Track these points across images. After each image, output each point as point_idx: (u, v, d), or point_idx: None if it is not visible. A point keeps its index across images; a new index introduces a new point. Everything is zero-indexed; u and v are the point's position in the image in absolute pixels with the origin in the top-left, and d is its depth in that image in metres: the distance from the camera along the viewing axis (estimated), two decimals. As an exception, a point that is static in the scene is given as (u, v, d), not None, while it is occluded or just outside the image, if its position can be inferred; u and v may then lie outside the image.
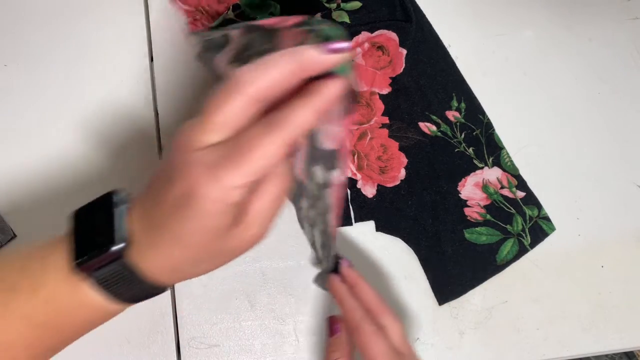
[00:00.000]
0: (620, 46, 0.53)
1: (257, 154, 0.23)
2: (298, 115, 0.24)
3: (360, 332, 0.34)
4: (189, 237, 0.24)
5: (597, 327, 0.48)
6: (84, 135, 0.46)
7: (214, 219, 0.24)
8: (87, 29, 0.48)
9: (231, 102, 0.24)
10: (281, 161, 0.24)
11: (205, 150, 0.24)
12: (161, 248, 0.25)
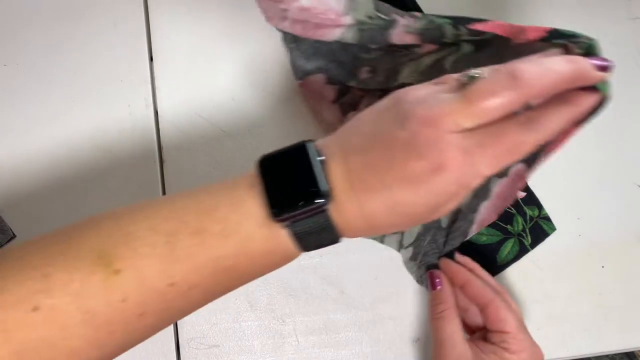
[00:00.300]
0: (620, 46, 0.53)
1: (511, 150, 0.25)
2: (554, 121, 0.25)
3: (495, 305, 0.38)
4: (409, 208, 0.26)
5: (597, 327, 0.48)
6: (83, 135, 0.46)
7: (451, 199, 0.26)
8: (87, 28, 0.48)
9: (503, 96, 0.24)
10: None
11: (461, 135, 0.25)
12: (366, 209, 0.26)
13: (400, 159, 0.25)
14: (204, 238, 0.26)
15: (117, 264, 0.26)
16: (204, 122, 0.47)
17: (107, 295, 0.25)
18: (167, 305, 0.27)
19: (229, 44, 0.49)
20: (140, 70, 0.47)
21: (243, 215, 0.27)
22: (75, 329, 0.25)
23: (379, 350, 0.46)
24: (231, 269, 0.27)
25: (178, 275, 0.26)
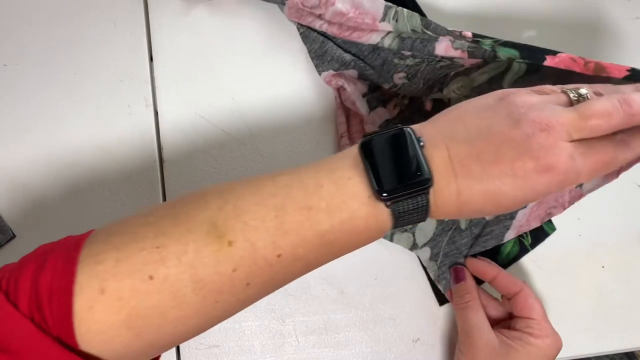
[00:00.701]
0: (620, 46, 0.53)
1: (606, 164, 0.29)
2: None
3: (525, 293, 0.41)
4: (505, 200, 0.28)
5: (597, 327, 0.48)
6: (83, 135, 0.46)
7: (539, 197, 0.29)
8: (87, 28, 0.48)
9: (614, 119, 0.28)
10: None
11: (571, 144, 0.28)
12: (464, 195, 0.28)
13: (510, 155, 0.27)
14: (311, 214, 0.28)
15: (230, 236, 0.27)
16: (204, 122, 0.47)
17: (219, 266, 0.27)
18: (271, 277, 0.29)
19: (229, 44, 0.49)
20: (140, 70, 0.47)
21: (347, 195, 0.28)
22: (185, 297, 0.27)
23: (379, 350, 0.46)
24: (332, 243, 0.29)
25: (286, 248, 0.28)
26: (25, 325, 0.25)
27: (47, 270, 0.26)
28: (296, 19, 0.44)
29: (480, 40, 0.39)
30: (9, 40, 0.47)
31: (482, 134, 0.28)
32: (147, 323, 0.27)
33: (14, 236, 0.44)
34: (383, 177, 0.28)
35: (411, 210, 0.29)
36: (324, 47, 0.45)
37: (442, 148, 0.29)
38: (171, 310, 0.27)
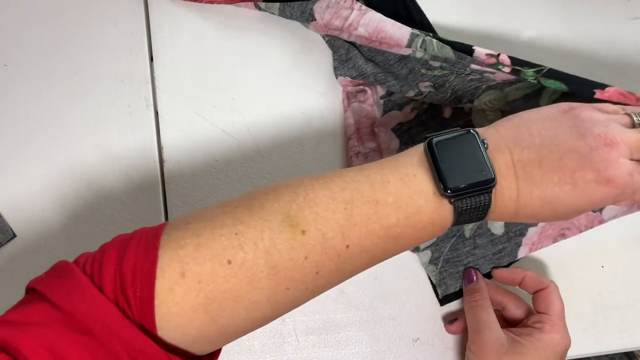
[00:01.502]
0: (620, 46, 0.53)
1: None
2: None
3: (551, 289, 0.42)
4: (561, 207, 0.30)
5: (597, 327, 0.48)
6: (83, 135, 0.46)
7: (593, 208, 0.31)
8: (87, 28, 0.48)
9: None
10: None
11: (632, 162, 0.30)
12: (524, 198, 0.30)
13: (572, 164, 0.29)
14: (378, 208, 0.29)
15: (303, 226, 0.29)
16: (204, 122, 0.47)
17: (292, 253, 0.28)
18: (338, 267, 0.30)
19: (229, 44, 0.49)
20: (140, 70, 0.47)
21: (413, 190, 0.30)
22: (260, 283, 0.28)
23: (378, 350, 0.46)
24: (397, 237, 0.30)
25: (354, 239, 0.29)
26: (109, 309, 0.26)
27: (130, 256, 0.27)
28: (322, 32, 0.46)
29: (521, 70, 0.40)
30: (9, 40, 0.47)
31: (546, 143, 0.30)
32: (222, 307, 0.28)
33: (14, 236, 0.44)
34: (448, 175, 0.29)
35: (473, 207, 0.30)
36: (349, 54, 0.46)
37: (505, 152, 0.30)
38: (246, 294, 0.28)
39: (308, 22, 0.45)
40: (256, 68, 0.49)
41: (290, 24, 0.49)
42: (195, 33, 0.49)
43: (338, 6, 0.44)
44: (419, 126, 0.48)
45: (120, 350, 0.26)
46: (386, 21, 0.43)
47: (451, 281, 0.46)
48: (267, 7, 0.47)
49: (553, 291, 0.42)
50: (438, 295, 0.46)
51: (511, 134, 0.31)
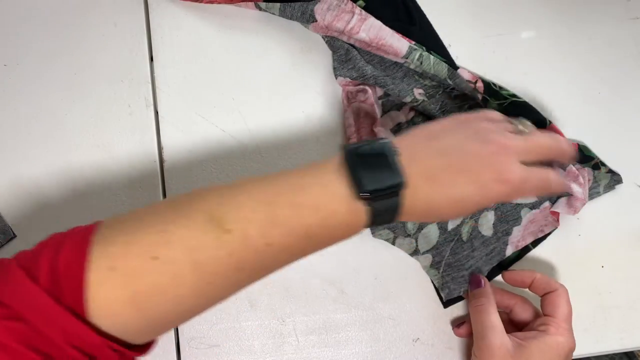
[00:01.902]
0: (620, 46, 0.53)
1: (545, 185, 0.36)
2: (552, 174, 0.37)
3: (559, 292, 0.43)
4: (467, 204, 0.34)
5: (597, 327, 0.48)
6: (83, 135, 0.46)
7: (492, 204, 0.37)
8: (87, 29, 0.48)
9: (552, 149, 0.37)
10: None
11: (521, 164, 0.35)
12: (434, 199, 0.33)
13: (477, 167, 0.34)
14: (299, 210, 0.32)
15: (228, 225, 0.31)
16: (204, 122, 0.47)
17: (217, 250, 0.30)
18: (260, 264, 0.32)
19: (229, 44, 0.49)
20: (140, 70, 0.47)
21: (331, 194, 0.33)
22: (184, 278, 0.30)
23: (378, 350, 0.46)
24: (315, 236, 0.33)
25: (275, 237, 0.32)
26: (41, 297, 0.28)
27: (64, 251, 0.29)
28: (323, 33, 0.47)
29: (489, 100, 0.48)
30: (10, 40, 0.47)
31: (452, 150, 0.34)
32: (149, 300, 0.29)
33: (14, 236, 0.44)
34: (362, 180, 0.32)
35: (385, 209, 0.33)
36: (349, 55, 0.47)
37: (417, 159, 0.34)
38: (171, 288, 0.30)
39: (308, 22, 0.46)
40: (256, 68, 0.49)
41: (291, 24, 0.49)
42: (195, 33, 0.49)
43: (339, 9, 0.45)
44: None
45: (56, 336, 0.28)
46: (386, 30, 0.45)
47: (454, 285, 0.46)
48: (268, 7, 0.47)
49: (561, 294, 0.43)
50: (442, 298, 0.46)
51: (422, 143, 0.35)
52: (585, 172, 0.47)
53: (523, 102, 0.49)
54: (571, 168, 0.46)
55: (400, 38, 0.45)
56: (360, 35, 0.45)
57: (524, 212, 0.48)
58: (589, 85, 0.52)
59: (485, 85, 0.49)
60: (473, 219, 0.47)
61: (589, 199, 0.49)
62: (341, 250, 0.46)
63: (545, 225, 0.48)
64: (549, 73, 0.52)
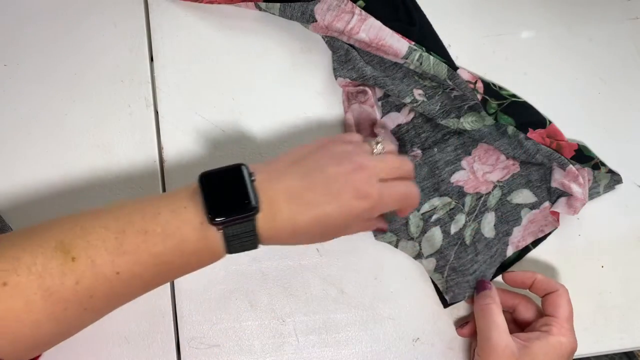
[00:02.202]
0: (620, 46, 0.53)
1: (404, 197, 0.39)
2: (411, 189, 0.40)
3: (560, 293, 0.43)
4: (331, 221, 0.35)
5: (597, 327, 0.48)
6: (83, 135, 0.46)
7: (358, 221, 0.37)
8: (87, 29, 0.48)
9: (401, 169, 0.39)
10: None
11: (378, 181, 0.37)
12: (299, 219, 0.34)
13: (337, 186, 0.35)
14: (147, 237, 0.32)
15: (74, 252, 0.31)
16: (204, 122, 0.47)
17: (63, 277, 0.31)
18: (112, 291, 0.33)
19: (229, 44, 0.49)
20: (140, 70, 0.47)
21: (182, 221, 0.33)
22: (36, 304, 0.31)
23: (378, 350, 0.46)
24: (167, 263, 0.33)
25: (123, 266, 0.32)
26: None
27: None
28: (323, 33, 0.47)
29: (489, 100, 0.48)
30: (9, 40, 0.47)
31: (315, 171, 0.36)
32: (5, 325, 0.30)
33: (14, 236, 0.44)
34: (215, 205, 0.33)
35: (241, 234, 0.34)
36: (349, 56, 0.47)
37: (276, 182, 0.35)
38: (25, 314, 0.30)
39: (308, 23, 0.46)
40: (256, 68, 0.49)
41: (291, 24, 0.49)
42: (195, 33, 0.49)
43: (339, 9, 0.45)
44: (417, 128, 0.48)
45: None
46: (386, 30, 0.45)
47: (459, 290, 0.46)
48: (268, 7, 0.47)
49: (562, 295, 0.43)
50: (446, 301, 0.46)
51: (282, 167, 0.36)
52: (585, 172, 0.47)
53: (523, 102, 0.49)
54: (571, 168, 0.46)
55: (400, 38, 0.45)
56: (360, 35, 0.45)
57: (524, 213, 0.48)
58: (589, 85, 0.52)
59: (485, 85, 0.49)
60: (476, 220, 0.47)
61: (589, 199, 0.49)
62: (341, 250, 0.46)
63: (545, 225, 0.48)
64: (549, 73, 0.52)
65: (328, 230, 0.36)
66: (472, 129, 0.47)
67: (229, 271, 0.45)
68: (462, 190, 0.48)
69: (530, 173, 0.48)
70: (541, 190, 0.48)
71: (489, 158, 0.48)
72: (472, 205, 0.48)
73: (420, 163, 0.48)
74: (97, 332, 0.43)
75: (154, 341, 0.44)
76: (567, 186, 0.46)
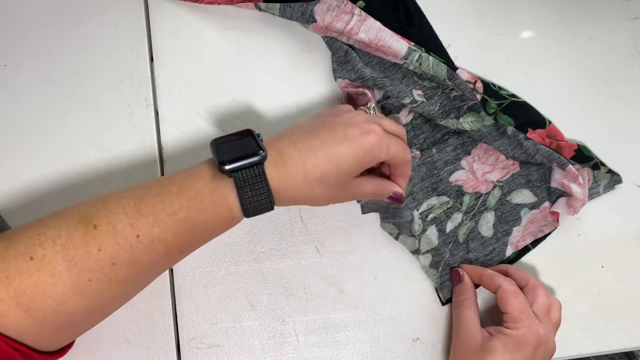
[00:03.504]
0: (620, 46, 0.53)
1: (404, 150, 0.40)
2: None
3: (502, 289, 0.43)
4: (342, 159, 0.36)
5: (597, 327, 0.48)
6: (83, 135, 0.46)
7: (368, 158, 0.37)
8: (87, 28, 0.48)
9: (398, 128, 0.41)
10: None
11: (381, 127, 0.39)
12: (309, 162, 0.36)
13: (342, 128, 0.37)
14: (164, 198, 0.34)
15: (95, 221, 0.33)
16: (204, 122, 0.47)
17: (86, 246, 0.32)
18: (134, 257, 0.33)
19: (229, 44, 0.49)
20: (140, 70, 0.47)
21: (195, 178, 0.35)
22: (61, 275, 0.32)
23: (378, 349, 0.46)
24: (185, 222, 0.34)
25: (143, 229, 0.33)
26: None
27: None
28: (322, 33, 0.47)
29: (488, 100, 0.48)
30: (9, 40, 0.47)
31: (317, 126, 0.38)
32: (32, 300, 0.31)
33: (14, 236, 0.44)
34: (223, 155, 0.34)
35: (251, 179, 0.34)
36: (348, 57, 0.47)
37: (284, 139, 0.37)
38: (50, 287, 0.31)
39: (308, 23, 0.46)
40: (256, 68, 0.49)
41: (291, 24, 0.49)
42: (195, 33, 0.49)
43: (339, 10, 0.45)
44: (415, 129, 0.48)
45: None
46: (385, 31, 0.45)
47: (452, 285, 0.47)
48: (268, 7, 0.47)
49: (505, 290, 0.43)
50: (441, 298, 0.47)
51: (289, 131, 0.38)
52: (585, 173, 0.47)
53: (523, 102, 0.49)
54: (570, 168, 0.46)
55: (400, 39, 0.45)
56: (360, 36, 0.45)
57: (524, 212, 0.48)
58: (589, 85, 0.52)
59: (485, 85, 0.49)
60: (474, 219, 0.47)
61: (588, 199, 0.49)
62: (341, 250, 0.47)
63: (545, 226, 0.48)
64: (549, 73, 0.52)
65: (343, 172, 0.36)
66: (472, 129, 0.47)
67: (229, 271, 0.45)
68: (461, 189, 0.48)
69: (530, 173, 0.48)
70: (541, 190, 0.48)
71: (489, 158, 0.48)
72: (471, 205, 0.48)
73: (419, 164, 0.48)
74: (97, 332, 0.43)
75: (154, 341, 0.44)
76: (567, 186, 0.46)
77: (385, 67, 0.47)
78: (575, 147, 0.49)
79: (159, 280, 0.44)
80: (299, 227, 0.47)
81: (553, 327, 0.43)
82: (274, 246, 0.46)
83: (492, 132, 0.47)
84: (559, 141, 0.49)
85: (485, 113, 0.47)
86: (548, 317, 0.42)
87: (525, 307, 0.42)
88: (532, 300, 0.43)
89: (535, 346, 0.40)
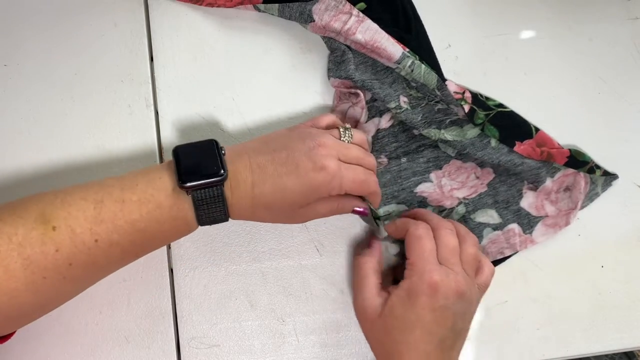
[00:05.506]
0: (620, 46, 0.53)
1: (363, 181, 0.40)
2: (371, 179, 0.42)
3: (408, 234, 0.42)
4: (289, 193, 0.37)
5: (597, 327, 0.48)
6: (83, 135, 0.46)
7: (316, 196, 0.38)
8: (87, 29, 0.48)
9: (361, 154, 0.42)
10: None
11: (338, 160, 0.39)
12: (257, 189, 0.37)
13: (296, 159, 0.37)
14: (124, 206, 0.34)
15: (54, 222, 0.33)
16: (204, 122, 0.47)
17: (43, 246, 0.32)
18: (91, 260, 0.34)
19: (229, 44, 0.49)
20: (140, 70, 0.47)
21: (156, 189, 0.35)
22: (15, 272, 0.32)
23: (378, 350, 0.46)
24: (144, 231, 0.35)
25: (102, 234, 0.34)
26: None
27: None
28: (320, 33, 0.47)
29: (477, 110, 0.48)
30: (9, 40, 0.47)
31: (278, 148, 0.38)
32: None
33: (14, 236, 0.44)
34: (185, 171, 0.35)
35: (209, 198, 0.35)
36: (344, 57, 0.47)
37: (244, 158, 0.37)
38: (4, 282, 0.32)
39: (307, 23, 0.46)
40: (256, 68, 0.49)
41: (290, 24, 0.49)
42: (195, 33, 0.49)
43: (337, 10, 0.45)
44: (390, 136, 0.48)
45: None
46: (382, 34, 0.46)
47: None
48: (266, 8, 0.47)
49: (410, 234, 0.41)
50: None
51: (251, 146, 0.39)
52: (581, 178, 0.47)
53: (509, 111, 0.49)
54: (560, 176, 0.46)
55: (395, 43, 0.45)
56: (357, 36, 0.45)
57: (487, 232, 0.48)
58: (589, 85, 0.52)
59: (473, 96, 0.49)
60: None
61: (589, 201, 0.49)
62: (341, 250, 0.47)
63: (506, 248, 0.48)
64: (549, 73, 0.52)
65: (286, 203, 0.38)
66: (454, 139, 0.47)
67: (229, 271, 0.45)
68: (424, 200, 0.48)
69: (497, 193, 0.48)
70: (507, 212, 0.48)
71: (459, 175, 0.48)
72: None
73: (384, 171, 0.48)
74: (97, 332, 0.43)
75: (154, 341, 0.44)
76: (540, 207, 0.46)
77: (377, 70, 0.47)
78: (567, 154, 0.49)
79: (159, 280, 0.44)
80: (299, 227, 0.47)
81: (468, 267, 0.40)
82: (274, 246, 0.46)
83: (475, 143, 0.47)
84: (550, 149, 0.48)
85: (470, 125, 0.47)
86: (456, 259, 0.40)
87: (425, 252, 0.39)
88: (438, 243, 0.40)
89: (431, 294, 0.38)
